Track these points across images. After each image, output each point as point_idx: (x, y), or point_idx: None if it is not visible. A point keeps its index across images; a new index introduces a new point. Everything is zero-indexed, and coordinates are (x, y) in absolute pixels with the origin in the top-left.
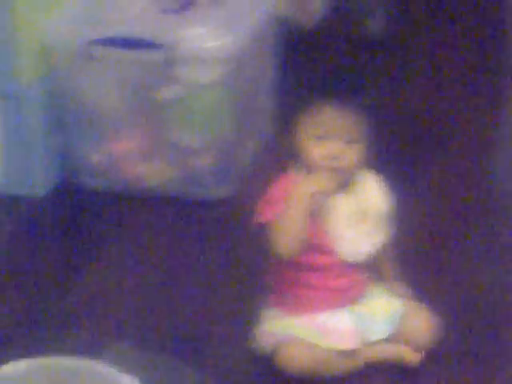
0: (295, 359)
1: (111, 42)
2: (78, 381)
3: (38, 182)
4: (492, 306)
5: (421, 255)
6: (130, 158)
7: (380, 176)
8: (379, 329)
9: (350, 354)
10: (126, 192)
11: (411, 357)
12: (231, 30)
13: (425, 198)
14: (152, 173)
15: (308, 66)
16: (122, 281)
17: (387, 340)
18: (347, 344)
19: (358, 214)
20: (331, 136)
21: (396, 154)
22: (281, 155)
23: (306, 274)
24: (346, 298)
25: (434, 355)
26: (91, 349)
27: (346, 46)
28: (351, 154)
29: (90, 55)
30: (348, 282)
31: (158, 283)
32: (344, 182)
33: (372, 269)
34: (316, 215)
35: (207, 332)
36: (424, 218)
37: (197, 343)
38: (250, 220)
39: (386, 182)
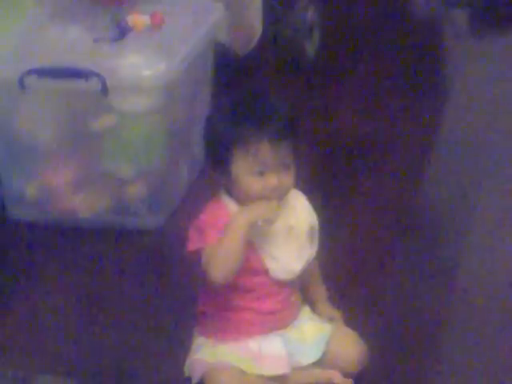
0: None
1: (45, 72)
2: None
3: None
4: (421, 329)
5: (349, 276)
6: (63, 190)
7: (308, 194)
8: (309, 353)
9: (281, 379)
10: (58, 223)
11: (341, 382)
12: (166, 58)
13: (353, 218)
14: (85, 204)
15: (240, 95)
16: (49, 312)
17: (317, 364)
18: (278, 369)
19: (288, 231)
20: (270, 170)
21: (325, 172)
22: (212, 183)
23: (238, 296)
24: (277, 321)
25: (363, 380)
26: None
27: (284, 70)
28: (288, 180)
29: (24, 86)
30: (279, 303)
31: (89, 315)
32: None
33: (301, 291)
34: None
35: (137, 361)
36: (352, 238)
37: (126, 373)
38: (182, 249)
39: (316, 200)
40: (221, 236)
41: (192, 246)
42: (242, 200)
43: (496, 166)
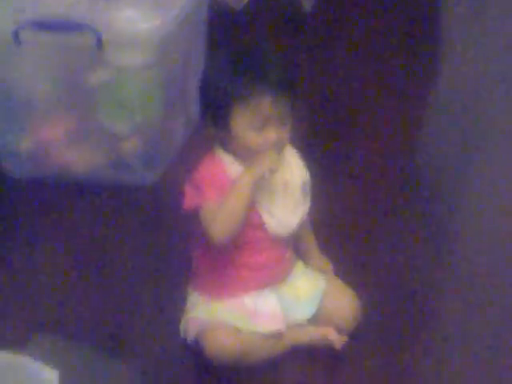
0: (221, 344)
1: (40, 25)
2: None
3: None
4: (415, 285)
5: (343, 233)
6: (58, 144)
7: (303, 151)
8: (304, 309)
9: (276, 336)
10: (53, 179)
11: (336, 338)
12: (161, 12)
13: (350, 175)
14: (80, 159)
15: (238, 49)
16: (47, 270)
17: (312, 321)
18: (273, 326)
19: (284, 187)
20: (269, 124)
21: (321, 129)
22: (207, 138)
23: (234, 252)
24: (272, 276)
25: (358, 336)
26: (13, 342)
27: (278, 25)
28: (286, 135)
29: (19, 40)
30: (275, 258)
31: (83, 271)
32: None
33: (294, 246)
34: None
35: (132, 321)
36: (347, 194)
37: (121, 333)
38: (178, 205)
39: (311, 158)
40: (219, 193)
41: (189, 203)
42: (240, 155)
43: (494, 121)
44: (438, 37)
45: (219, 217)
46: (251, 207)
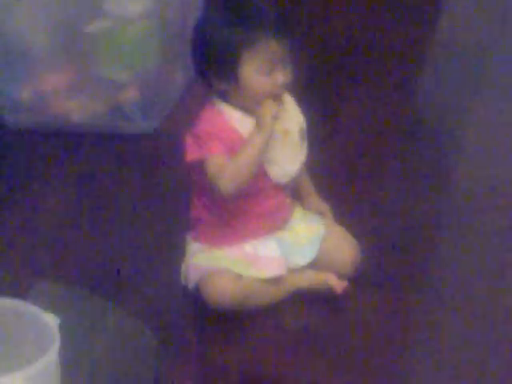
0: (222, 290)
1: None
2: None
3: None
4: (415, 231)
5: (343, 179)
6: (57, 94)
7: (301, 98)
8: (304, 253)
9: (277, 281)
10: (53, 128)
11: (336, 283)
12: None
13: (348, 122)
14: (79, 108)
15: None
16: (47, 218)
17: (312, 266)
18: (274, 271)
19: (284, 134)
20: (276, 67)
21: (319, 76)
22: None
23: (237, 201)
24: (272, 223)
25: (358, 281)
26: (14, 289)
27: None
28: (289, 77)
29: None
30: (276, 205)
31: (83, 218)
32: None
33: (293, 192)
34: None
35: (131, 268)
36: (346, 142)
37: (121, 280)
38: (177, 154)
39: (310, 104)
40: (224, 146)
41: (192, 155)
42: (245, 105)
43: (494, 69)
44: None
45: (230, 171)
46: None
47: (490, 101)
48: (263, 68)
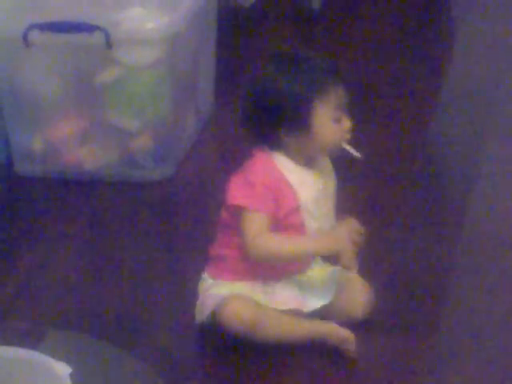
0: (238, 312)
1: (48, 27)
2: (10, 369)
3: None
4: (428, 275)
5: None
6: (69, 143)
7: None
8: (320, 296)
9: (292, 318)
10: (65, 177)
11: (347, 336)
12: (169, 10)
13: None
14: (91, 156)
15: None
16: (60, 266)
17: (325, 309)
18: (291, 305)
19: (325, 192)
20: (343, 114)
21: None
22: (249, 139)
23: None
24: (295, 268)
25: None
26: (26, 338)
27: (286, 23)
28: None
29: (28, 42)
30: None
31: (96, 267)
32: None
33: None
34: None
35: (144, 316)
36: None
37: (134, 328)
38: (190, 201)
39: None
40: (272, 204)
41: (237, 200)
42: (310, 152)
43: (505, 112)
44: (448, 24)
45: (268, 247)
46: (296, 209)
47: (503, 142)
48: (334, 115)
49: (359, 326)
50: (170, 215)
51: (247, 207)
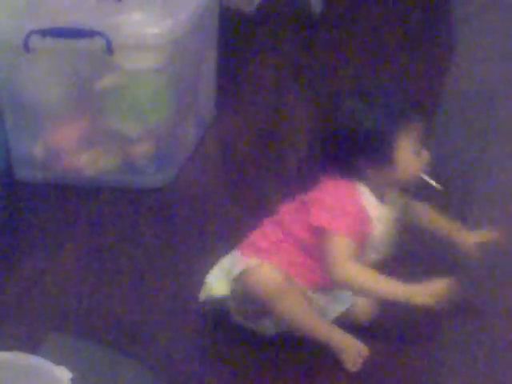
0: (269, 277)
1: (49, 32)
2: (10, 374)
3: None
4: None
5: None
6: (70, 149)
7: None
8: (342, 301)
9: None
10: (66, 183)
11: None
12: (170, 15)
13: None
14: (92, 163)
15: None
16: (60, 272)
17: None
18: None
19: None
20: (422, 146)
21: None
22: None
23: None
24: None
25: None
26: (27, 342)
27: (288, 28)
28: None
29: (29, 48)
30: None
31: (96, 273)
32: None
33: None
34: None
35: (145, 321)
36: None
37: (134, 332)
38: (192, 206)
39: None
40: (357, 232)
41: (327, 223)
42: (389, 185)
43: (504, 117)
44: (448, 33)
45: (359, 278)
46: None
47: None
48: (415, 147)
49: (362, 330)
50: (170, 221)
51: (337, 231)
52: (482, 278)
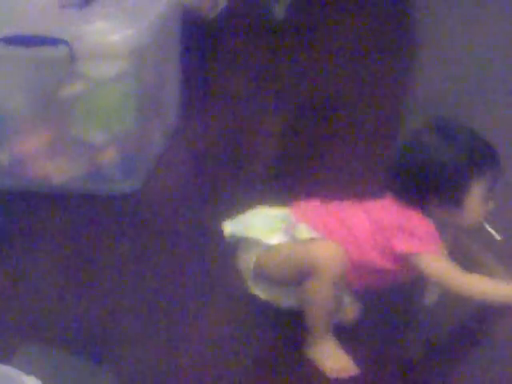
0: (340, 258)
1: (12, 40)
2: None
3: None
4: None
5: None
6: (35, 157)
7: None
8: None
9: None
10: (32, 191)
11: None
12: (133, 23)
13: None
14: (58, 170)
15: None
16: (29, 280)
17: None
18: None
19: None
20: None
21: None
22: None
23: (374, 274)
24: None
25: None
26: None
27: (251, 33)
28: None
29: None
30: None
31: (65, 281)
32: None
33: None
34: None
35: (118, 329)
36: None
37: (108, 343)
38: (159, 212)
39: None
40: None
41: (406, 247)
42: (451, 226)
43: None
44: (412, 35)
45: (473, 288)
46: None
47: None
48: (485, 195)
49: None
50: (138, 228)
51: (418, 251)
52: None
